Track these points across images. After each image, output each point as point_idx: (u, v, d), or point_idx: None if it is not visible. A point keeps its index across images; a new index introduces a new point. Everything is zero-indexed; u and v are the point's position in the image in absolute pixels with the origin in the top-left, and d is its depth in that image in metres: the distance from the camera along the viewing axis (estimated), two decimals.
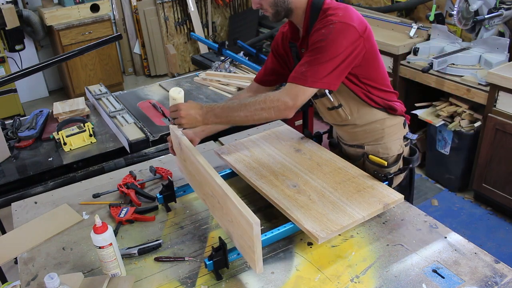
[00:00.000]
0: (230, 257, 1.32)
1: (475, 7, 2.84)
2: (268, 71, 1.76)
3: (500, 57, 2.82)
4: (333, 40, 1.38)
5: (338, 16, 1.41)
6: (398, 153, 1.70)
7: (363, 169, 1.64)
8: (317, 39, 1.40)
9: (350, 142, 1.76)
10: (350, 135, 1.73)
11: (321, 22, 1.43)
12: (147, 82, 5.36)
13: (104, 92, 2.72)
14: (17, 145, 2.26)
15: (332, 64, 1.39)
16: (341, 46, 1.38)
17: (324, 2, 1.47)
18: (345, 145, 1.80)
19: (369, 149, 1.71)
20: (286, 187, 1.56)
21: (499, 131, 2.70)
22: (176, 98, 1.49)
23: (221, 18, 5.70)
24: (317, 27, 1.43)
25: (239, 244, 1.26)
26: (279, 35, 1.70)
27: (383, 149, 1.69)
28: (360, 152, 1.73)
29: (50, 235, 1.52)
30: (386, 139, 1.68)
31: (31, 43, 4.86)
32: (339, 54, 1.38)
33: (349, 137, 1.74)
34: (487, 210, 3.00)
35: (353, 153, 1.76)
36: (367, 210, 1.43)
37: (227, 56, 3.13)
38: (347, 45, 1.39)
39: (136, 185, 1.70)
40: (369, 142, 1.70)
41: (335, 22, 1.39)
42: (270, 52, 1.76)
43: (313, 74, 1.39)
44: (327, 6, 1.46)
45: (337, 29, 1.38)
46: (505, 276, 1.24)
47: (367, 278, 1.26)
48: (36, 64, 2.14)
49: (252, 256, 1.17)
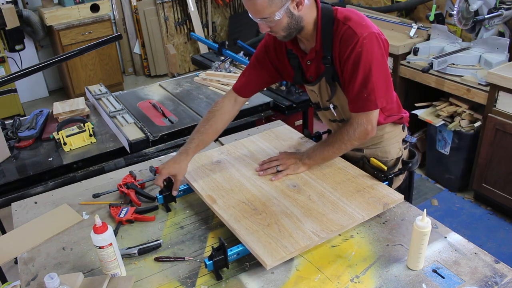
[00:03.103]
0: (230, 257, 1.32)
1: (475, 7, 2.84)
2: (252, 82, 1.69)
3: (500, 57, 2.82)
4: (371, 54, 1.39)
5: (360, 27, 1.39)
6: (397, 157, 1.70)
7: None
8: (356, 58, 1.39)
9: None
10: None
11: (348, 39, 1.40)
12: (147, 82, 5.37)
13: (104, 92, 2.72)
14: (17, 145, 2.26)
15: (383, 77, 1.44)
16: (378, 56, 1.41)
17: (335, 12, 1.45)
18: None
19: (368, 152, 1.70)
20: (286, 187, 1.56)
21: (499, 131, 2.70)
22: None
23: (221, 18, 5.70)
24: (347, 47, 1.40)
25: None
26: (269, 42, 1.63)
27: (382, 153, 1.69)
28: (359, 155, 1.73)
29: (50, 235, 1.52)
30: (384, 142, 1.68)
31: (31, 43, 4.86)
32: (381, 65, 1.42)
33: None
34: (487, 210, 3.00)
35: (352, 156, 1.76)
36: (367, 210, 1.43)
37: (227, 56, 3.13)
38: (382, 53, 1.42)
39: (136, 185, 1.70)
40: (368, 146, 1.69)
41: (363, 36, 1.38)
42: (254, 61, 1.68)
43: (377, 95, 1.43)
44: (340, 15, 1.43)
45: (368, 43, 1.38)
46: (505, 276, 1.24)
47: (367, 278, 1.26)
48: (36, 64, 2.14)
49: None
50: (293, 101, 2.64)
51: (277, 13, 1.35)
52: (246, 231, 1.36)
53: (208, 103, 2.64)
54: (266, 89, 2.78)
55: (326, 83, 1.54)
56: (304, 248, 1.31)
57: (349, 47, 1.40)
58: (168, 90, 2.85)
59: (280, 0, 1.34)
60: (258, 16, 1.37)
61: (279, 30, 1.43)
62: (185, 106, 2.62)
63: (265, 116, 2.61)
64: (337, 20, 1.44)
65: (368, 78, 1.41)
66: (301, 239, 1.32)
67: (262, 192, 1.54)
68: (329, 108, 1.61)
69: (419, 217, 1.22)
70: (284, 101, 2.65)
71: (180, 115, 2.50)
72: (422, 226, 1.21)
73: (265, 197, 1.52)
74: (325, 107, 1.63)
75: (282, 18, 1.37)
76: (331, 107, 1.61)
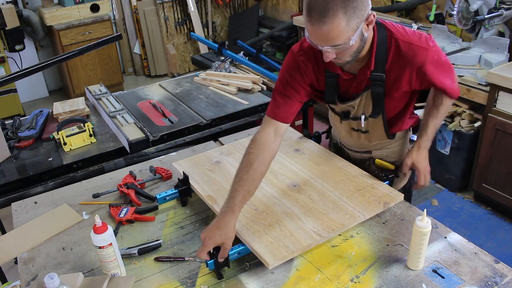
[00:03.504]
0: (231, 256, 1.32)
1: (475, 7, 2.84)
2: (293, 107, 1.47)
3: (500, 57, 2.82)
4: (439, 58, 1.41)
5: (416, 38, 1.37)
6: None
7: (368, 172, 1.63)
8: (438, 62, 1.40)
9: (358, 149, 1.74)
10: (361, 145, 1.71)
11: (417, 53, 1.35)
12: (147, 82, 5.36)
13: (104, 92, 2.72)
14: (17, 145, 2.26)
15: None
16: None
17: (386, 28, 1.36)
18: (350, 151, 1.78)
19: (376, 154, 1.69)
20: (286, 187, 1.56)
21: (499, 131, 2.70)
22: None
23: (221, 18, 5.70)
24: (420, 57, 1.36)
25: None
26: (310, 61, 1.44)
27: (391, 153, 1.69)
28: (366, 156, 1.72)
29: (50, 235, 1.52)
30: (394, 143, 1.67)
31: (31, 43, 4.86)
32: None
33: (359, 146, 1.72)
34: (487, 210, 3.00)
35: (358, 157, 1.74)
36: (367, 209, 1.43)
37: (227, 56, 3.13)
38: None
39: (136, 185, 1.70)
40: (378, 148, 1.69)
41: (431, 48, 1.37)
42: (286, 82, 1.46)
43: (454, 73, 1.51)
44: (395, 31, 1.36)
45: (433, 50, 1.37)
46: (505, 276, 1.24)
47: (367, 278, 1.26)
48: (36, 64, 2.14)
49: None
50: None
51: (352, 38, 1.20)
52: (247, 231, 1.36)
53: (208, 103, 2.64)
54: (266, 89, 2.78)
55: (371, 98, 1.48)
56: (306, 247, 1.31)
57: (419, 60, 1.36)
58: (168, 90, 2.85)
59: (356, 22, 1.19)
60: (330, 44, 1.20)
61: (346, 56, 1.28)
62: (185, 106, 2.62)
63: None
64: (391, 36, 1.35)
65: (449, 68, 1.48)
66: (303, 238, 1.33)
67: (263, 192, 1.54)
68: (359, 119, 1.55)
69: (419, 217, 1.22)
70: None
71: (180, 115, 2.50)
72: (422, 226, 1.21)
73: (266, 197, 1.52)
74: (355, 117, 1.57)
75: (355, 42, 1.22)
76: (362, 118, 1.55)
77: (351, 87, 1.50)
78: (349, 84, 1.49)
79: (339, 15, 1.15)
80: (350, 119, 1.60)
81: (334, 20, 1.15)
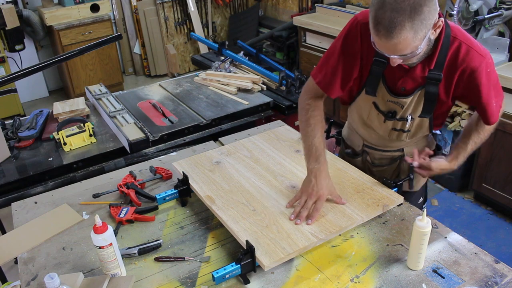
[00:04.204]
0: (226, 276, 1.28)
1: (475, 7, 2.84)
2: (348, 76, 1.47)
3: (500, 57, 2.82)
4: (492, 72, 1.39)
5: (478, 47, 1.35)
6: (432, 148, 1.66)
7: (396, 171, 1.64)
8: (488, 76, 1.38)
9: (391, 148, 1.67)
10: (398, 144, 1.65)
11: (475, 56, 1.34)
12: (147, 82, 5.37)
13: (104, 92, 2.72)
14: (17, 145, 2.26)
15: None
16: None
17: (451, 29, 1.35)
18: (377, 151, 1.69)
19: (407, 150, 1.64)
20: (285, 188, 1.56)
21: (499, 131, 2.70)
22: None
23: (221, 18, 5.70)
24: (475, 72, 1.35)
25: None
26: (357, 35, 1.41)
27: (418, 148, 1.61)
28: (397, 155, 1.67)
29: (50, 235, 1.52)
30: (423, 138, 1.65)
31: (31, 43, 4.86)
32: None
33: (396, 146, 1.66)
34: (487, 210, 3.00)
35: (387, 156, 1.68)
36: (366, 211, 1.43)
37: (227, 56, 3.13)
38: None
39: (136, 185, 1.70)
40: (411, 145, 1.65)
41: (488, 58, 1.36)
42: (341, 51, 1.44)
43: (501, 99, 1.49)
44: (459, 33, 1.35)
45: (490, 62, 1.37)
46: (505, 276, 1.24)
47: (367, 278, 1.26)
48: (36, 64, 2.14)
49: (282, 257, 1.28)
50: (293, 101, 2.64)
51: (420, 47, 1.21)
52: (244, 232, 1.36)
53: (208, 103, 2.64)
54: (266, 89, 2.78)
55: (423, 97, 1.45)
56: (303, 249, 1.31)
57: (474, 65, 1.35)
58: (168, 90, 2.85)
59: (424, 32, 1.18)
60: (398, 54, 1.22)
61: (413, 60, 1.31)
62: (185, 106, 2.62)
63: (265, 116, 2.61)
64: (454, 39, 1.34)
65: (499, 90, 1.46)
66: (300, 240, 1.32)
67: (261, 193, 1.54)
68: (406, 118, 1.51)
69: (419, 217, 1.22)
70: (284, 101, 2.65)
71: (180, 115, 2.50)
72: (422, 226, 1.21)
73: (264, 198, 1.51)
74: (402, 118, 1.52)
75: (423, 47, 1.23)
76: (408, 119, 1.51)
77: (400, 80, 1.44)
78: (399, 76, 1.43)
79: (406, 28, 1.14)
80: (396, 119, 1.53)
81: (402, 35, 1.15)
